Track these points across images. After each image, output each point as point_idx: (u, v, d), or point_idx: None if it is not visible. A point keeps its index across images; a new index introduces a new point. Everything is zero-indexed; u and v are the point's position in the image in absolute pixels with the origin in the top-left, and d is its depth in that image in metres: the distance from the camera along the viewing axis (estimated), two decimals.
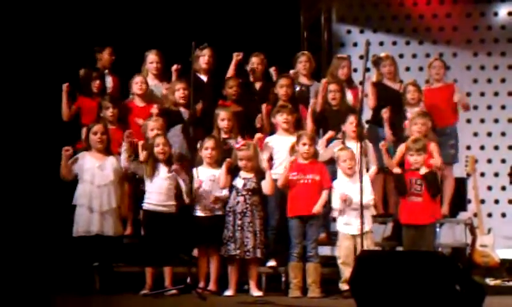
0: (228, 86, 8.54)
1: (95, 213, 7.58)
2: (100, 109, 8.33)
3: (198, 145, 7.92)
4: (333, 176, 7.77)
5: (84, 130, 8.05)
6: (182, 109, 8.37)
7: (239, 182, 7.68)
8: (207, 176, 7.72)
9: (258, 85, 8.77)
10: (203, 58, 8.69)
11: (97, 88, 8.58)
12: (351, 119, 7.95)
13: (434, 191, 7.72)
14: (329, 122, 8.33)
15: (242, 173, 7.70)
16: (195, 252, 7.73)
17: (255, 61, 8.76)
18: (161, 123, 8.04)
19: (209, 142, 7.80)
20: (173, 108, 8.36)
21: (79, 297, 7.36)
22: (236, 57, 8.81)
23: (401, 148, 7.96)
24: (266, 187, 7.65)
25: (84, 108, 8.55)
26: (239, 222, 7.59)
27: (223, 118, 8.09)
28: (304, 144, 7.72)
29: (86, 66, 8.83)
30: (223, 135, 8.09)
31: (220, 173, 7.68)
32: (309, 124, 8.34)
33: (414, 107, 8.47)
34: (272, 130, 8.23)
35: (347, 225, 7.54)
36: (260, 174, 7.69)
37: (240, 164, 7.70)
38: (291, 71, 8.81)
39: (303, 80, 8.79)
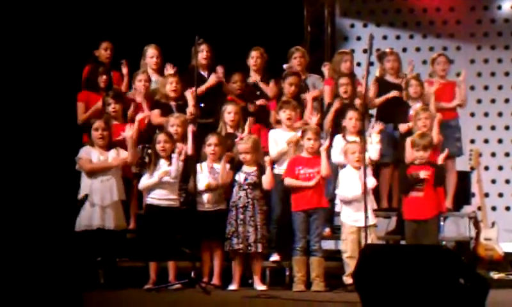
0: (233, 81, 8.53)
1: (96, 208, 7.59)
2: (105, 104, 8.32)
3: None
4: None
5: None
6: (172, 103, 8.35)
7: (240, 176, 7.68)
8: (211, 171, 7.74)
9: (258, 79, 8.75)
10: (202, 54, 8.65)
11: (104, 83, 8.55)
12: (350, 114, 7.96)
13: (438, 181, 7.75)
14: (340, 115, 8.30)
15: (244, 167, 7.71)
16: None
17: (254, 55, 8.74)
18: (182, 120, 8.03)
19: (212, 139, 7.81)
20: (164, 101, 8.36)
21: (82, 291, 7.37)
22: (216, 77, 8.58)
23: (408, 143, 7.98)
24: (265, 181, 7.65)
25: (90, 103, 8.51)
26: (241, 216, 7.59)
27: (229, 112, 8.09)
28: (309, 139, 7.73)
29: (91, 62, 8.81)
30: (229, 130, 8.09)
31: (220, 168, 7.69)
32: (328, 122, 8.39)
33: (416, 102, 8.47)
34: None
35: (350, 217, 7.54)
36: (261, 168, 7.70)
37: (241, 157, 7.71)
38: (285, 66, 8.80)
39: None
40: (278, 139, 8.01)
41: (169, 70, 8.62)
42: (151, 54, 8.82)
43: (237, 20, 9.99)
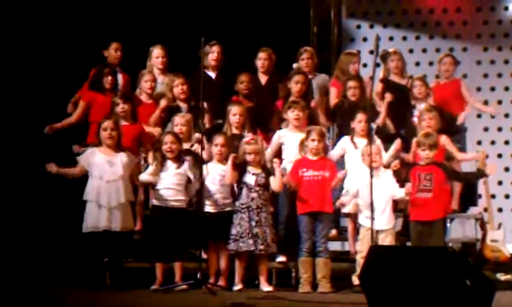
0: (239, 81, 8.53)
1: (103, 209, 7.59)
2: (113, 105, 8.31)
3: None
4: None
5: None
6: (181, 104, 8.38)
7: (250, 178, 7.67)
8: (217, 172, 7.73)
9: (264, 79, 8.75)
10: (212, 55, 8.67)
11: (109, 84, 8.53)
12: (359, 116, 7.96)
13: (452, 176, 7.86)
14: (346, 116, 8.26)
15: (251, 169, 7.70)
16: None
17: (262, 56, 8.73)
18: (187, 119, 8.03)
19: (219, 139, 7.81)
20: (173, 104, 8.37)
21: (89, 292, 7.40)
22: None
23: (414, 143, 7.98)
24: (275, 184, 7.65)
25: (95, 104, 8.51)
26: (256, 218, 7.57)
27: (234, 113, 8.09)
28: (313, 140, 7.72)
29: (98, 63, 8.81)
30: (234, 131, 8.09)
31: (226, 168, 7.69)
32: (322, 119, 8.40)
33: (422, 102, 8.47)
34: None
35: (368, 219, 7.51)
36: (267, 169, 7.69)
37: (248, 158, 7.70)
38: (294, 65, 8.81)
39: None
40: (285, 140, 8.02)
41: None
42: (157, 54, 8.82)
43: (243, 20, 10.00)
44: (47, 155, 8.44)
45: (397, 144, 7.90)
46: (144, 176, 7.79)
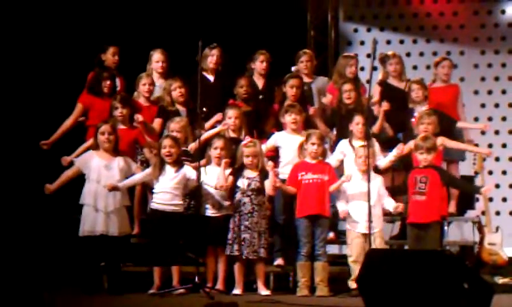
0: (239, 85, 8.52)
1: (100, 213, 7.59)
2: (112, 108, 8.29)
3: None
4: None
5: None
6: (179, 108, 8.37)
7: (243, 182, 7.67)
8: (216, 175, 7.72)
9: (261, 83, 8.75)
10: (212, 58, 8.67)
11: (108, 88, 8.51)
12: (357, 119, 7.96)
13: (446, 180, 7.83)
14: (344, 120, 8.26)
15: (247, 172, 7.69)
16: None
17: (259, 59, 8.72)
18: (182, 125, 8.01)
19: (218, 142, 7.80)
20: (171, 108, 8.36)
21: (86, 296, 7.39)
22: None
23: (409, 144, 7.96)
24: (269, 187, 7.64)
25: (93, 107, 8.48)
26: (245, 223, 7.58)
27: (230, 116, 8.10)
28: (313, 144, 7.72)
29: (95, 67, 8.79)
30: (231, 134, 8.09)
31: (219, 172, 7.67)
32: (320, 125, 8.38)
33: (419, 106, 8.46)
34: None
35: (356, 223, 7.55)
36: (264, 172, 7.69)
37: (246, 161, 7.69)
38: (293, 68, 8.81)
39: (305, 78, 8.75)
40: (282, 143, 8.03)
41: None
42: (157, 58, 8.81)
43: (241, 24, 10.00)
44: (45, 157, 8.46)
45: (399, 149, 7.87)
46: (138, 176, 7.79)
